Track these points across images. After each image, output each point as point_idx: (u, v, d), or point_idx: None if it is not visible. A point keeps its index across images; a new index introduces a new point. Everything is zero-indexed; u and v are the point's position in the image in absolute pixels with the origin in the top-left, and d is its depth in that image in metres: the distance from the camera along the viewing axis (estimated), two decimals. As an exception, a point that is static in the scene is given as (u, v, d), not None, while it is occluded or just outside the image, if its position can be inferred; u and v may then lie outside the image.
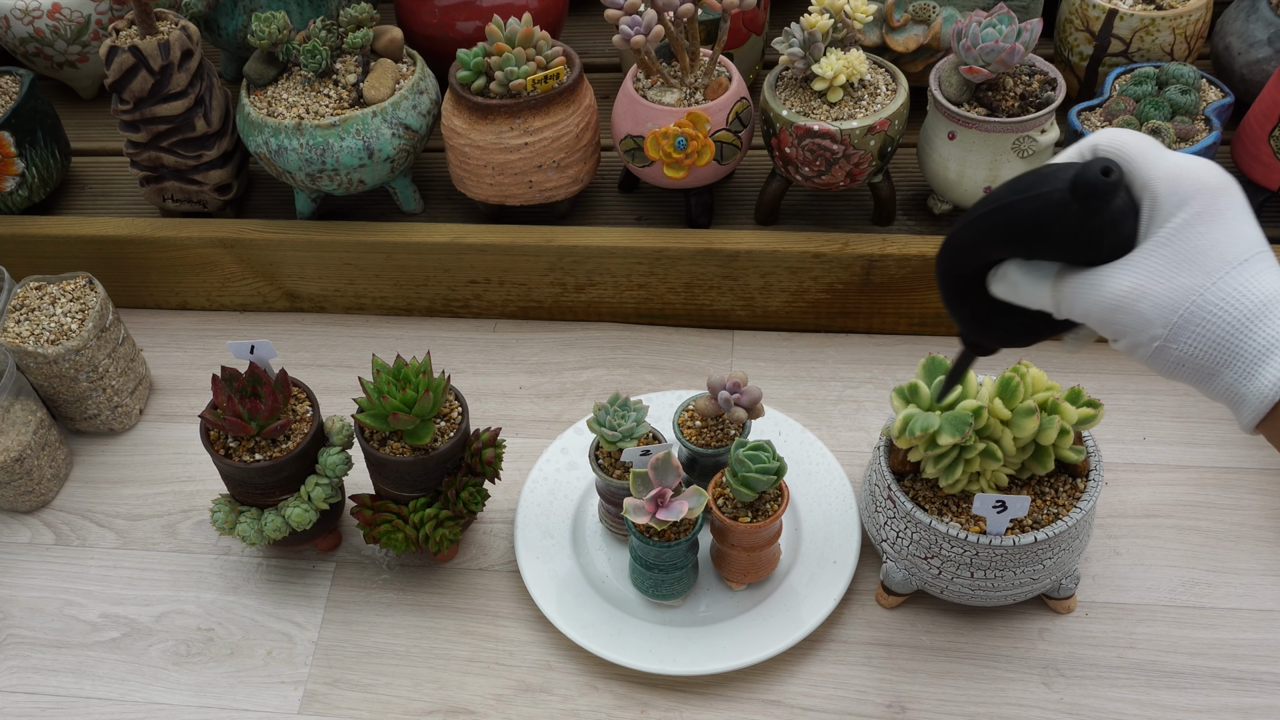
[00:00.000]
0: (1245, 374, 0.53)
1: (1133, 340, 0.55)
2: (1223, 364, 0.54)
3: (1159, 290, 0.54)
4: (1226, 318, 0.53)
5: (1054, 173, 0.54)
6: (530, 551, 0.95)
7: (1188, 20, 1.14)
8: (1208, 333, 0.53)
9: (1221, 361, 0.54)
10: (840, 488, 0.98)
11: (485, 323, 1.19)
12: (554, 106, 1.07)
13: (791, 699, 0.87)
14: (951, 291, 0.61)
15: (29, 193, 1.21)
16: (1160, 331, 0.54)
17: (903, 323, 1.14)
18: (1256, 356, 0.53)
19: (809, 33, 1.03)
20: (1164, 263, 0.53)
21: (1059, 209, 0.53)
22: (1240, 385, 0.54)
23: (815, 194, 1.19)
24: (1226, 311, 0.53)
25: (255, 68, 1.12)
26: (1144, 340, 0.55)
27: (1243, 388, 0.54)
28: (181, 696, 0.90)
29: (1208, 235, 0.53)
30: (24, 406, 1.00)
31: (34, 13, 1.28)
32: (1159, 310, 0.54)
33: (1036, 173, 0.55)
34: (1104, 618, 0.91)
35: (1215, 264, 0.53)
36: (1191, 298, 0.53)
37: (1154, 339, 0.54)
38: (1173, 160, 0.55)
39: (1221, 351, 0.54)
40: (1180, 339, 0.54)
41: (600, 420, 0.88)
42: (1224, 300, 0.53)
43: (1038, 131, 1.03)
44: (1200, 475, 1.00)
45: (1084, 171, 0.52)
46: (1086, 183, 0.52)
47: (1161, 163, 0.55)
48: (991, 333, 0.63)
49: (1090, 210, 0.53)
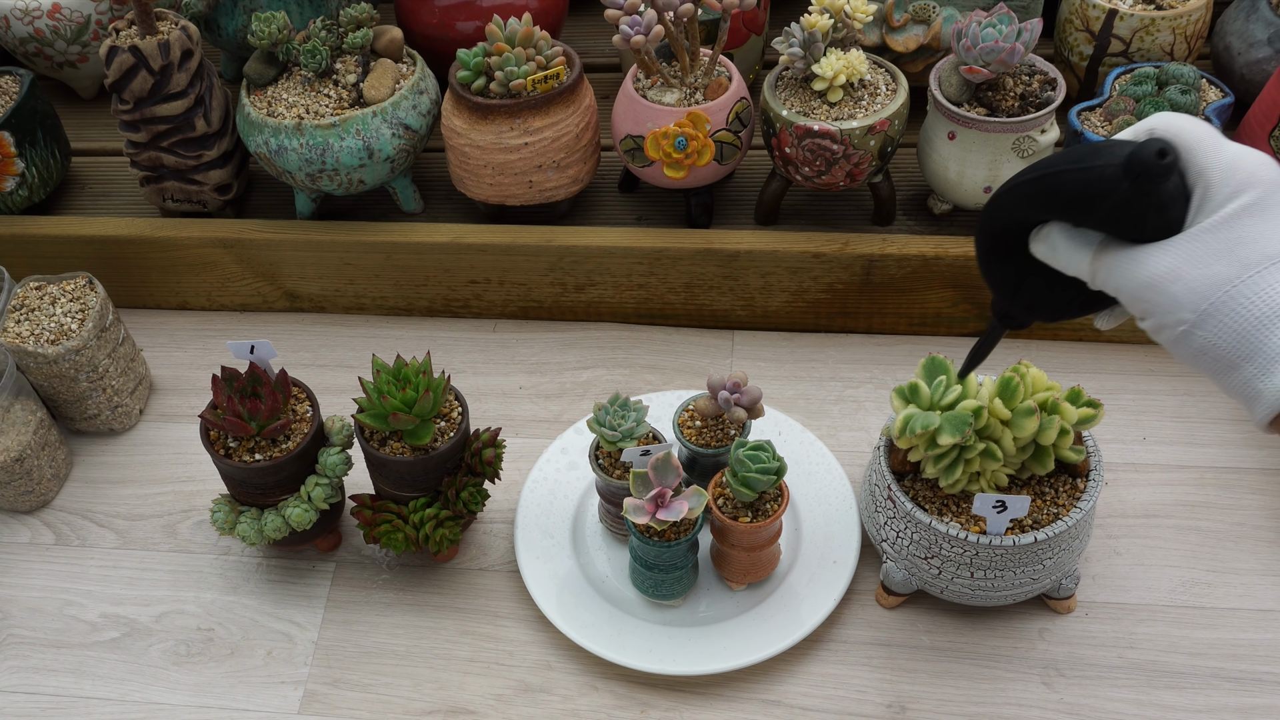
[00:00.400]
0: (1264, 370, 0.54)
1: (1159, 321, 0.56)
2: (1244, 358, 0.54)
3: (1194, 275, 0.54)
4: (1254, 312, 0.53)
5: (1109, 148, 0.54)
6: (530, 551, 0.95)
7: (1188, 20, 1.14)
8: (1233, 325, 0.53)
9: (1243, 355, 0.54)
10: (840, 488, 0.98)
11: (485, 323, 1.19)
12: (554, 106, 1.07)
13: (791, 699, 0.87)
14: (988, 249, 0.61)
15: (29, 193, 1.21)
16: (1188, 316, 0.54)
17: (903, 323, 1.14)
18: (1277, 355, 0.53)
19: (809, 33, 1.03)
20: (1205, 249, 0.54)
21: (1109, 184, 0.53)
22: (1257, 381, 0.54)
23: (815, 194, 1.19)
24: (1255, 306, 0.53)
25: (255, 68, 1.12)
26: (1170, 323, 0.55)
27: (1260, 384, 0.54)
28: (181, 696, 0.90)
29: (1253, 228, 0.53)
30: (24, 406, 1.00)
31: (34, 13, 1.28)
32: (1191, 295, 0.54)
33: (1091, 146, 0.55)
34: (1104, 618, 0.91)
35: (1254, 258, 0.53)
36: (1224, 288, 0.53)
37: (1180, 323, 0.55)
38: (1230, 151, 0.55)
39: (1244, 345, 0.54)
40: (1206, 327, 0.54)
41: (600, 420, 0.88)
42: (1255, 295, 0.53)
43: (1038, 131, 1.03)
44: (1200, 475, 1.00)
45: (1140, 151, 0.52)
46: (1141, 162, 0.52)
47: (1219, 152, 0.55)
48: (1021, 297, 0.63)
49: (1141, 190, 0.53)
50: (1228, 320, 0.54)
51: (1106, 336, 1.10)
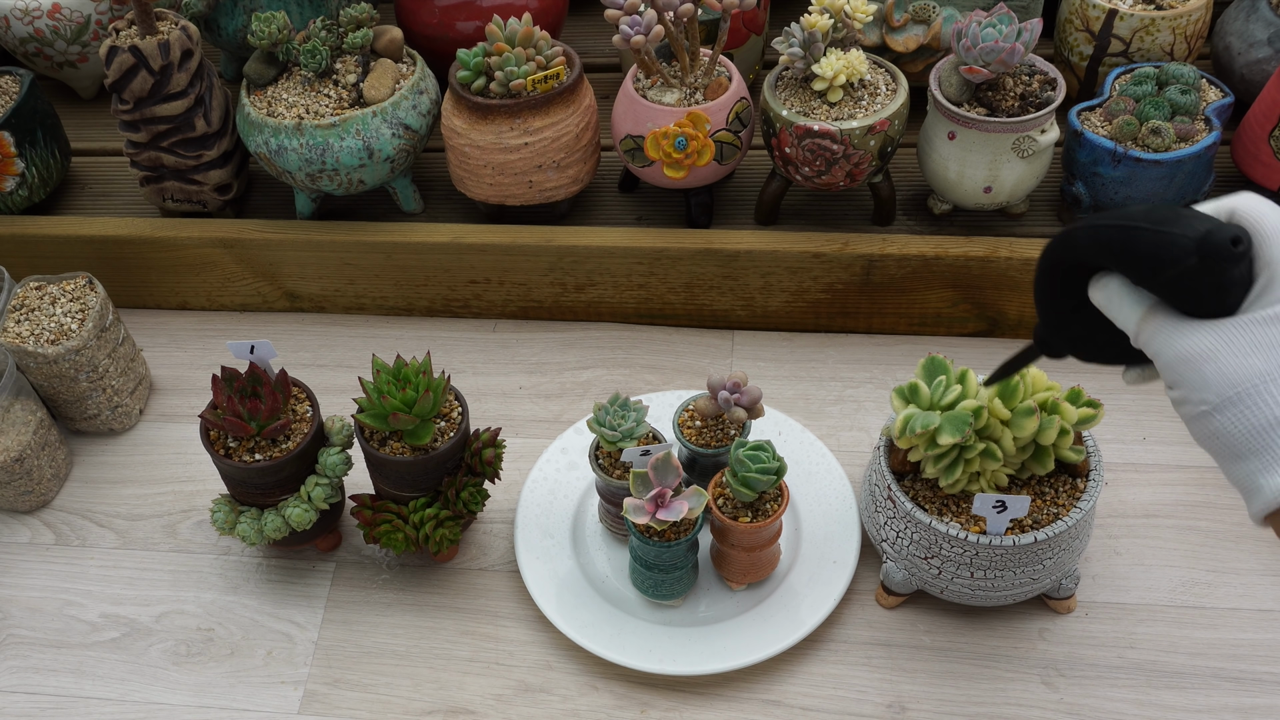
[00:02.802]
0: (1266, 467, 0.55)
1: (1185, 395, 0.57)
2: (1252, 452, 0.55)
3: (1229, 362, 0.55)
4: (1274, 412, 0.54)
5: (1189, 219, 0.55)
6: (530, 551, 0.95)
7: (1188, 20, 1.14)
8: (1251, 418, 0.54)
9: (1251, 449, 0.55)
10: (840, 488, 0.98)
11: (485, 323, 1.19)
12: (554, 106, 1.07)
13: (791, 699, 0.87)
14: (1048, 277, 0.62)
15: (29, 193, 1.21)
16: (1212, 399, 0.55)
17: (903, 323, 1.14)
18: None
19: (809, 33, 1.03)
20: (1247, 340, 0.55)
21: (1179, 255, 0.54)
22: (1259, 476, 0.55)
23: (815, 194, 1.19)
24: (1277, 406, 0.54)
25: (255, 68, 1.12)
26: (1194, 399, 0.56)
27: (1260, 479, 0.55)
28: (181, 696, 0.90)
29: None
30: (24, 406, 1.00)
31: (34, 13, 1.28)
32: (1220, 379, 0.55)
33: (1175, 210, 0.56)
34: (1104, 618, 0.91)
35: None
36: (1254, 381, 0.54)
37: (1204, 403, 0.56)
38: None
39: (1256, 440, 0.55)
40: (1225, 413, 0.55)
41: (600, 420, 0.88)
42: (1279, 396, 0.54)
43: (1038, 131, 1.03)
44: (1200, 475, 1.00)
45: (1215, 232, 0.53)
46: (1214, 245, 0.53)
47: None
48: (1066, 334, 0.64)
49: (1207, 269, 0.54)
50: (1247, 413, 0.55)
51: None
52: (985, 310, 1.12)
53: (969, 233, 1.13)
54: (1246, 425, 0.55)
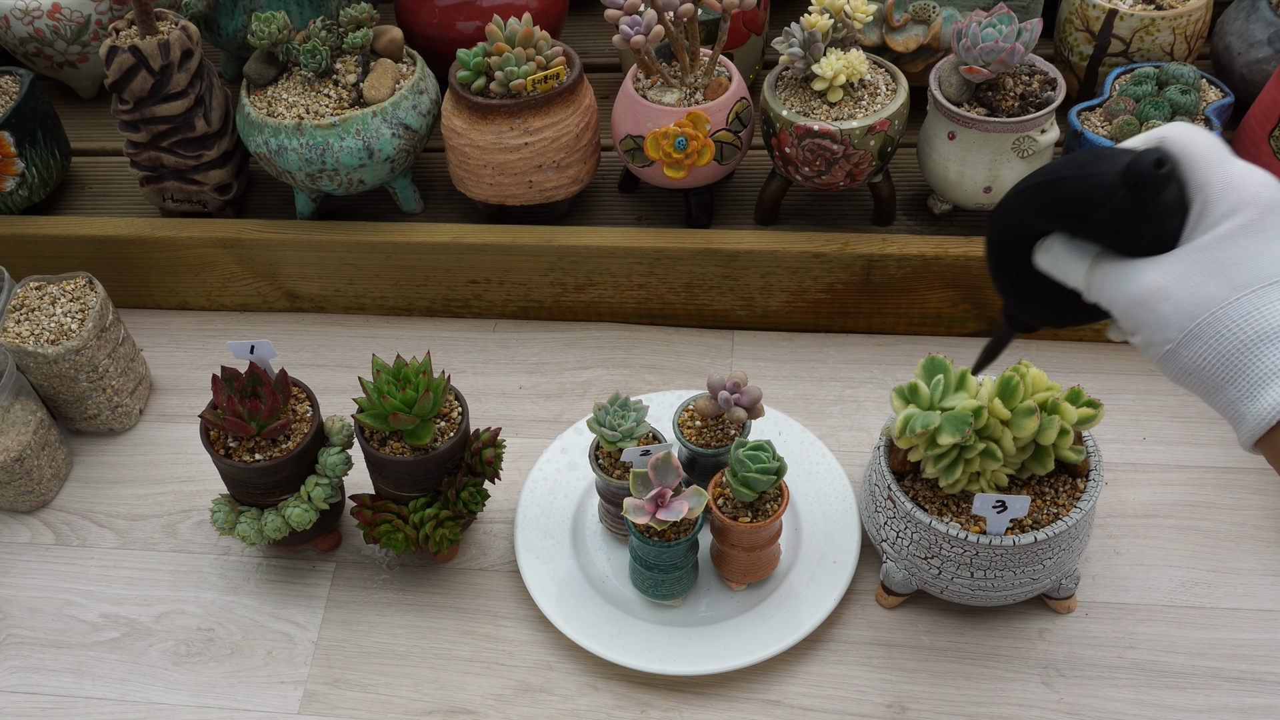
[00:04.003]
0: (1247, 394, 0.53)
1: (1147, 338, 0.55)
2: (1228, 380, 0.54)
3: (1183, 294, 0.53)
4: (1239, 335, 0.53)
5: (1111, 155, 0.54)
6: (530, 551, 0.95)
7: (1188, 20, 1.14)
8: (1218, 346, 0.53)
9: (1226, 378, 0.54)
10: (840, 488, 0.98)
11: (485, 323, 1.19)
12: (554, 106, 1.07)
13: (791, 699, 0.87)
14: (996, 255, 0.62)
15: (29, 193, 1.21)
16: (1174, 335, 0.54)
17: (903, 323, 1.14)
18: (1261, 379, 0.53)
19: (809, 33, 1.03)
20: (1196, 268, 0.53)
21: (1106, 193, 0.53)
22: (1240, 404, 0.54)
23: (815, 194, 1.19)
24: (1241, 329, 0.53)
25: (255, 68, 1.12)
26: (1157, 340, 0.55)
27: (1243, 407, 0.54)
28: (181, 696, 0.90)
29: (1246, 249, 0.53)
30: (24, 406, 1.00)
31: (34, 13, 1.28)
32: (1178, 314, 0.54)
33: (1094, 152, 0.55)
34: (1104, 618, 0.91)
35: (1244, 279, 0.53)
36: (1211, 309, 0.53)
37: (1167, 341, 0.54)
38: (1235, 168, 0.54)
39: (1229, 368, 0.53)
40: (1191, 347, 0.54)
41: (600, 420, 0.88)
42: (1241, 318, 0.53)
43: (1038, 131, 1.03)
44: (1200, 475, 1.00)
45: (1137, 160, 0.52)
46: (1138, 172, 0.52)
47: (1222, 168, 0.54)
48: (1027, 305, 0.63)
49: (1137, 200, 0.53)
50: (1213, 342, 0.53)
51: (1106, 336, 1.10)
52: (985, 310, 1.12)
53: (969, 233, 1.13)
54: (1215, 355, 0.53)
